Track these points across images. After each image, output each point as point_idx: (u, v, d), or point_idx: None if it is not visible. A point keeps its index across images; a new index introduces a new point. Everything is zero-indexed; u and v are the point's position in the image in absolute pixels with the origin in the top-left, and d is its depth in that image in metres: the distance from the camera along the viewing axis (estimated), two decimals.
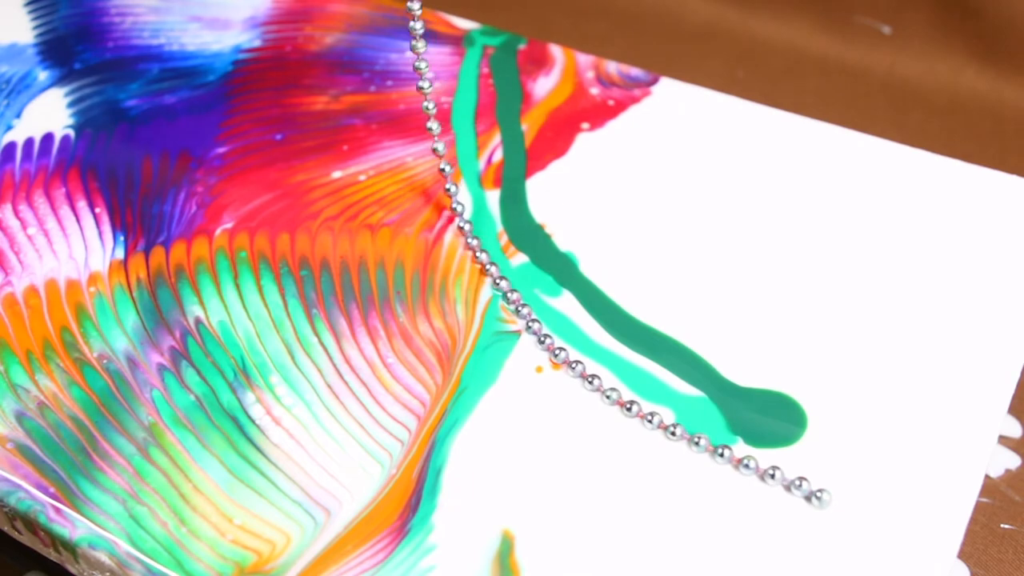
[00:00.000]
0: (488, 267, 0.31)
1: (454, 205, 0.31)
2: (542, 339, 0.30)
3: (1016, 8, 0.46)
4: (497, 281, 0.31)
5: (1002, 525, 0.34)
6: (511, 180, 0.35)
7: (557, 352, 0.29)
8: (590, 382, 0.29)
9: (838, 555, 0.26)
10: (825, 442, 0.28)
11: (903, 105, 0.45)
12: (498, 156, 0.36)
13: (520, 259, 0.32)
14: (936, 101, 0.45)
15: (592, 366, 0.29)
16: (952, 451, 0.27)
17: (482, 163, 0.35)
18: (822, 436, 0.28)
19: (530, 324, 0.30)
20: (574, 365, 0.29)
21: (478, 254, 0.32)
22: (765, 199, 0.34)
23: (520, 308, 0.30)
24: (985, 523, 0.34)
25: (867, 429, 0.28)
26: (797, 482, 0.26)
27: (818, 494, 0.26)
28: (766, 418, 0.28)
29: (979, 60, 0.47)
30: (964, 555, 0.33)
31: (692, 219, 0.33)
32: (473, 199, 0.34)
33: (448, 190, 0.32)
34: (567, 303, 0.31)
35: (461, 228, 0.32)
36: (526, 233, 0.33)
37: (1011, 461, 0.36)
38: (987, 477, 0.35)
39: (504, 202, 0.34)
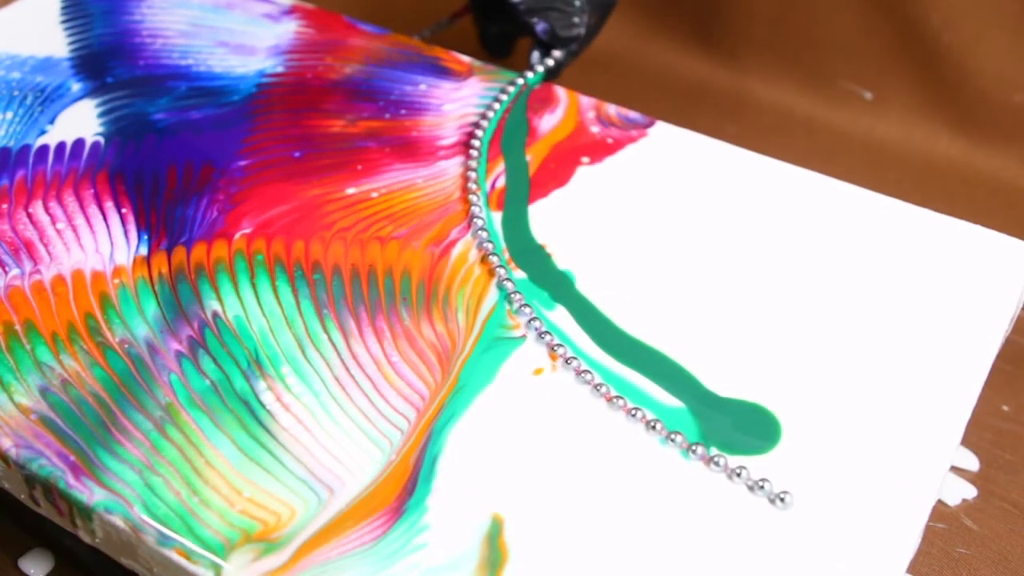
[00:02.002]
0: (497, 269, 0.34)
1: (472, 209, 0.34)
2: (541, 335, 0.32)
3: (987, 82, 0.50)
4: (503, 282, 0.33)
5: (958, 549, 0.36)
6: (514, 203, 0.37)
7: (555, 347, 0.32)
8: (587, 381, 0.31)
9: (823, 558, 0.27)
10: (802, 450, 0.30)
11: (880, 165, 0.48)
12: (501, 183, 0.38)
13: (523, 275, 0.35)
14: (911, 163, 0.48)
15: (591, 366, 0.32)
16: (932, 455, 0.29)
17: (487, 186, 0.38)
18: (799, 444, 0.30)
19: (530, 321, 0.32)
20: (570, 361, 0.31)
21: (490, 256, 0.34)
22: (750, 235, 0.36)
23: (521, 308, 0.33)
24: (943, 547, 0.36)
25: (843, 438, 0.30)
26: (783, 493, 0.28)
27: (782, 495, 0.28)
28: (746, 427, 0.30)
29: (952, 128, 0.51)
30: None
31: (684, 246, 0.36)
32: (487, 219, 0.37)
33: (470, 200, 0.35)
34: (565, 316, 0.33)
35: (479, 233, 0.35)
36: (527, 252, 0.35)
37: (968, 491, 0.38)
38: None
39: (507, 223, 0.36)
